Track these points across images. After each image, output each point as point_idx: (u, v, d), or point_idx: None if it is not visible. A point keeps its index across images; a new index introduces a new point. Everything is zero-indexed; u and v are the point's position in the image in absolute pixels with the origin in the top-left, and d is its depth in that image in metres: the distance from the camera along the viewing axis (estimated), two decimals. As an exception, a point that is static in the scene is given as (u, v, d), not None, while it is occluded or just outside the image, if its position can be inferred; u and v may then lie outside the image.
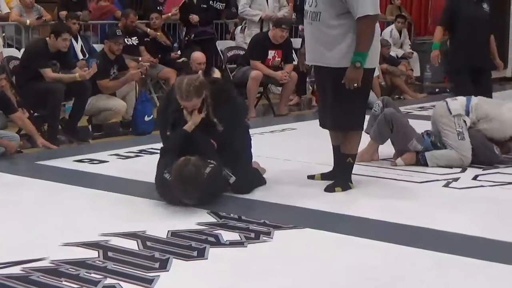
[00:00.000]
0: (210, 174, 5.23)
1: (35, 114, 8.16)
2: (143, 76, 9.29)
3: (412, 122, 8.76)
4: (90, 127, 8.82)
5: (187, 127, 5.54)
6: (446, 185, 6.04)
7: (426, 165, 6.62)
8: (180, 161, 5.20)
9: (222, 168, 5.44)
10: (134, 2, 14.05)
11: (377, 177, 6.28)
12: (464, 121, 6.61)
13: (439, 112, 6.79)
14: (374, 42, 5.57)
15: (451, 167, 6.55)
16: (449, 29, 8.36)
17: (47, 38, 8.10)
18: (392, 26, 14.25)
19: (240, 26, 12.50)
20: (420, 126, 7.81)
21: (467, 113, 6.66)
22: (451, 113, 6.65)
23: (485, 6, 8.19)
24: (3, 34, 10.42)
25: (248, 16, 11.90)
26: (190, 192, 5.13)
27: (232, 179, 5.49)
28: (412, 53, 14.28)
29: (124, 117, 8.95)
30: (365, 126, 6.09)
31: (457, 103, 6.73)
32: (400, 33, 14.27)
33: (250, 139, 5.91)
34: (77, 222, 4.93)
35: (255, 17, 11.82)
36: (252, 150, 5.92)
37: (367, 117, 5.91)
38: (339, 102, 5.63)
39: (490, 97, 7.88)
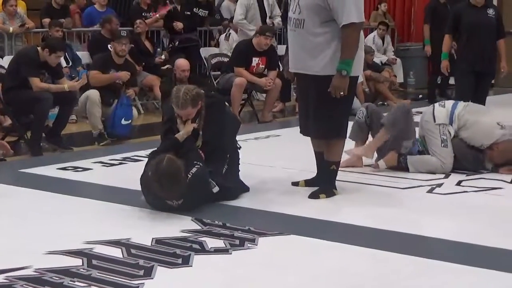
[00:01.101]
0: (195, 174, 5.28)
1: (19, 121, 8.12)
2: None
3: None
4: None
5: (178, 136, 5.57)
6: (430, 191, 6.06)
7: (407, 168, 6.64)
8: (159, 156, 5.24)
9: (208, 174, 5.45)
10: (119, 9, 14.06)
11: (361, 183, 6.29)
12: (449, 131, 6.63)
13: (425, 117, 6.82)
14: (358, 50, 5.58)
15: (432, 174, 6.56)
16: (455, 37, 8.44)
17: (39, 49, 8.04)
18: (375, 33, 14.29)
19: (225, 34, 12.52)
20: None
21: (451, 122, 6.68)
22: (435, 121, 6.67)
23: (490, 12, 8.26)
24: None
25: (244, 29, 11.90)
26: (167, 187, 5.11)
27: (216, 188, 5.48)
28: (395, 59, 14.32)
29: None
30: (348, 133, 6.09)
31: (443, 111, 6.74)
32: (383, 39, 14.31)
33: (239, 158, 5.91)
34: (61, 230, 4.91)
35: (250, 31, 11.90)
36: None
37: (351, 124, 5.90)
38: (322, 110, 5.63)
39: (484, 101, 7.96)
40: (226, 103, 6.59)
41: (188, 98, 5.49)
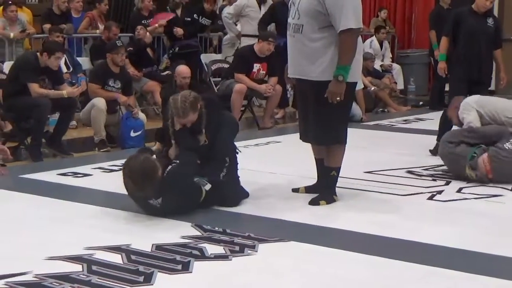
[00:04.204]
0: (169, 171, 5.35)
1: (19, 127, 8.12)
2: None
3: (396, 135, 8.82)
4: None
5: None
6: (431, 198, 6.06)
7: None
8: (133, 155, 5.36)
9: (190, 172, 5.46)
10: (119, 16, 14.08)
11: (361, 190, 6.28)
12: None
13: None
14: (356, 56, 5.59)
15: None
16: (453, 40, 8.43)
17: (38, 54, 8.05)
18: (373, 38, 14.28)
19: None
20: (404, 139, 7.86)
21: None
22: None
23: (490, 21, 8.22)
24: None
25: (228, 27, 11.99)
26: (138, 184, 5.16)
27: (207, 186, 5.47)
28: (391, 65, 14.30)
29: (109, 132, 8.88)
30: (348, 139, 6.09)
31: None
32: (381, 45, 14.31)
33: (237, 163, 5.91)
34: (61, 235, 4.91)
35: (231, 32, 11.96)
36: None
37: (349, 130, 5.89)
38: (321, 115, 5.63)
39: None
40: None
41: (187, 105, 5.53)
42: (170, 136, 5.78)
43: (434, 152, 7.64)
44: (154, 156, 5.61)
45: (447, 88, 12.22)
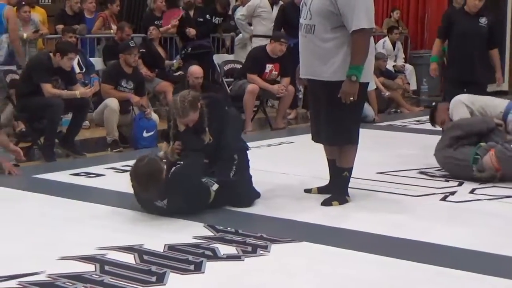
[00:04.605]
0: (173, 172, 5.38)
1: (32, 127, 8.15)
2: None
3: (408, 136, 8.80)
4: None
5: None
6: (443, 199, 6.04)
7: None
8: (139, 157, 5.38)
9: (196, 172, 5.48)
10: (132, 17, 14.10)
11: (374, 190, 6.27)
12: None
13: None
14: (368, 56, 5.59)
15: None
16: (447, 42, 8.40)
17: (51, 54, 8.07)
18: (385, 38, 14.26)
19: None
20: (417, 140, 7.84)
21: None
22: None
23: (482, 21, 8.17)
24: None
25: (241, 28, 12.02)
26: (143, 185, 5.21)
27: (215, 186, 5.47)
28: (404, 66, 14.28)
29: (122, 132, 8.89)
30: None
31: None
32: (394, 45, 14.29)
33: (248, 160, 5.90)
34: (74, 235, 4.92)
35: (245, 33, 11.97)
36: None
37: (362, 130, 5.89)
38: (333, 116, 5.63)
39: None
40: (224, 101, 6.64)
41: (186, 104, 5.55)
42: (170, 137, 5.80)
43: None
44: (163, 154, 5.64)
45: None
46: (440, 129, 7.64)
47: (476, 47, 8.12)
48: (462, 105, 7.17)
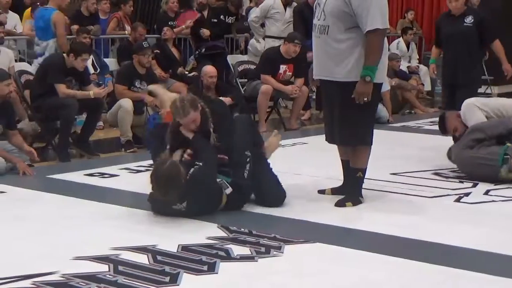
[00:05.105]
0: (192, 174, 5.33)
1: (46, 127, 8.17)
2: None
3: (422, 137, 8.77)
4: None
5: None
6: (458, 200, 6.03)
7: None
8: (160, 159, 5.40)
9: (213, 173, 5.47)
10: (146, 18, 14.12)
11: (388, 191, 6.26)
12: None
13: None
14: (382, 57, 5.58)
15: None
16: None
17: (65, 55, 8.10)
18: (400, 39, 14.23)
19: (253, 39, 12.55)
20: (431, 141, 7.81)
21: None
22: None
23: (468, 20, 8.06)
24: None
25: (254, 31, 12.04)
26: (163, 189, 5.18)
27: (228, 190, 5.46)
28: (418, 66, 14.24)
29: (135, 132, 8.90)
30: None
31: None
32: (408, 46, 14.25)
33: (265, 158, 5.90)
34: (88, 236, 4.94)
35: (258, 36, 11.98)
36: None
37: (376, 131, 5.88)
38: (347, 117, 5.62)
39: None
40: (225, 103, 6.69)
41: (186, 103, 5.54)
42: (171, 143, 5.73)
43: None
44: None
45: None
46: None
47: (461, 48, 8.00)
48: (476, 109, 7.12)
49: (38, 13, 9.80)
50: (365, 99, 5.45)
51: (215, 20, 12.17)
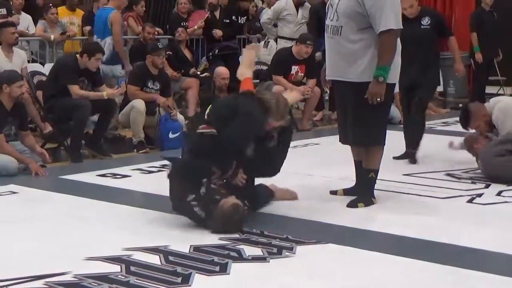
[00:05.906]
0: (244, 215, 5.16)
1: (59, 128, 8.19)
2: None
3: (435, 137, 8.74)
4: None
5: None
6: (470, 201, 6.01)
7: None
8: (228, 207, 5.01)
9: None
10: (158, 18, 14.12)
11: (400, 192, 6.26)
12: None
13: None
14: (395, 57, 5.57)
15: None
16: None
17: (78, 56, 8.12)
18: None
19: (263, 41, 12.55)
20: (443, 141, 7.78)
21: None
22: None
23: (424, 22, 7.93)
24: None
25: (266, 31, 12.06)
26: (229, 232, 4.99)
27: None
28: None
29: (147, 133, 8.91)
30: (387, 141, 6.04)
31: None
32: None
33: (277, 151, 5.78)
34: (100, 236, 4.95)
35: (271, 35, 11.99)
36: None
37: (389, 132, 5.87)
38: (360, 117, 5.62)
39: (416, 119, 7.77)
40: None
41: (285, 110, 5.55)
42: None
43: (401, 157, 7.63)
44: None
45: (487, 90, 12.16)
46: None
47: (415, 51, 7.80)
48: None
49: (97, 13, 10.13)
50: (378, 99, 5.44)
51: (227, 21, 12.17)
